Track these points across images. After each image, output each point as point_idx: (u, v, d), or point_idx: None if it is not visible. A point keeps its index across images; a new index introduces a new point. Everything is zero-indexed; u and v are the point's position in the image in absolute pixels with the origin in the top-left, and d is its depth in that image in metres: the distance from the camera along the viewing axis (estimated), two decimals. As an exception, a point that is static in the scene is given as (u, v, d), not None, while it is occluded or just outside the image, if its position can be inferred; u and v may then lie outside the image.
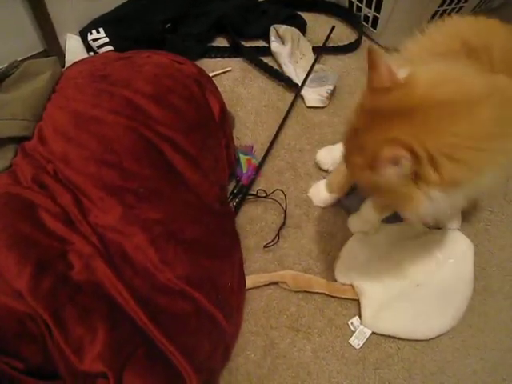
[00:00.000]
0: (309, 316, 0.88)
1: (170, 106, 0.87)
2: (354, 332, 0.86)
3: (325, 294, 0.89)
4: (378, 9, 1.31)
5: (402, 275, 0.87)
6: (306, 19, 1.38)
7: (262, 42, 1.35)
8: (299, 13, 1.40)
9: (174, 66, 0.96)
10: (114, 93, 0.86)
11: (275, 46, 1.28)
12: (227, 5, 1.35)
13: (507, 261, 0.97)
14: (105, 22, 1.21)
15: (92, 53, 1.20)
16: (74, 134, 0.82)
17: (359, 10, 1.39)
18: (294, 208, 1.01)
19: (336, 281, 0.91)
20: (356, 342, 0.85)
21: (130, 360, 0.66)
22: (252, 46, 1.32)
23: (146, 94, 0.87)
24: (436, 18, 1.26)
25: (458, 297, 0.88)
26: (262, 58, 1.27)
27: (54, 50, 1.17)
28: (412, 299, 0.86)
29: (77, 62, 1.02)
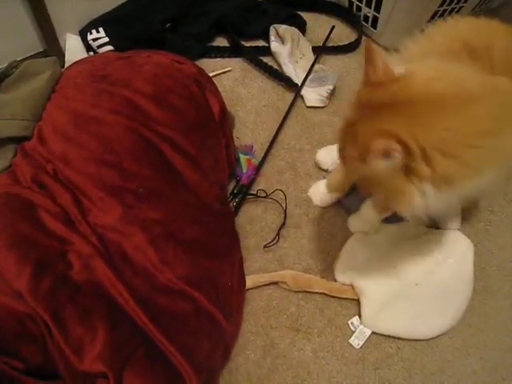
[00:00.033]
0: (309, 316, 0.88)
1: (169, 106, 0.87)
2: (353, 332, 0.86)
3: (325, 293, 0.89)
4: (377, 9, 1.31)
5: (402, 275, 0.87)
6: (305, 19, 1.38)
7: (261, 42, 1.35)
8: (299, 12, 1.40)
9: (173, 66, 0.96)
10: (114, 93, 0.86)
11: (275, 45, 1.28)
12: (227, 5, 1.35)
13: (507, 261, 0.97)
14: (104, 21, 1.21)
15: (92, 52, 1.20)
16: (74, 133, 0.82)
17: (359, 9, 1.39)
18: (293, 208, 1.01)
19: (336, 281, 0.91)
20: (356, 341, 0.85)
21: (130, 360, 0.66)
22: (252, 46, 1.32)
23: (145, 93, 0.87)
24: (436, 17, 1.26)
25: (458, 297, 0.88)
26: (261, 57, 1.27)
27: (53, 49, 1.17)
28: (412, 299, 0.86)
29: (76, 62, 1.02)
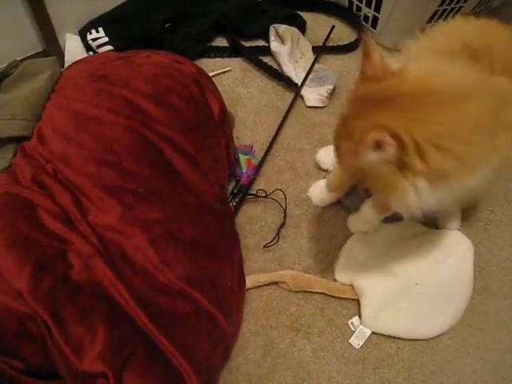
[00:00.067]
0: (309, 316, 0.88)
1: (169, 106, 0.87)
2: (353, 332, 0.86)
3: (325, 293, 0.89)
4: (377, 8, 1.31)
5: (402, 275, 0.87)
6: (305, 19, 1.38)
7: (261, 42, 1.34)
8: (299, 12, 1.39)
9: (173, 66, 0.96)
10: (114, 92, 0.86)
11: (275, 45, 1.28)
12: (227, 5, 1.35)
13: (507, 260, 0.97)
14: (104, 21, 1.21)
15: (91, 52, 1.20)
16: (74, 133, 0.82)
17: (359, 9, 1.39)
18: (293, 208, 1.01)
19: (336, 281, 0.91)
20: (356, 341, 0.85)
21: (129, 360, 0.66)
22: (252, 46, 1.32)
23: (145, 93, 0.87)
24: (435, 17, 1.26)
25: (458, 296, 0.88)
26: (261, 57, 1.27)
27: (53, 49, 1.17)
28: (412, 299, 0.86)
29: (76, 62, 1.02)
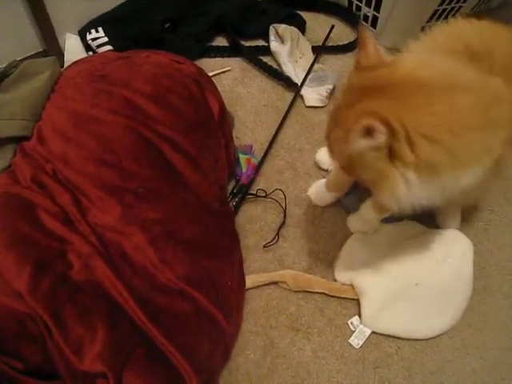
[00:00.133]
0: (308, 316, 0.88)
1: (169, 106, 0.87)
2: (353, 331, 0.86)
3: (324, 293, 0.89)
4: (377, 8, 1.31)
5: (402, 275, 0.87)
6: (305, 18, 1.38)
7: (261, 42, 1.34)
8: (299, 12, 1.39)
9: (173, 66, 0.96)
10: (113, 92, 0.86)
11: (274, 45, 1.28)
12: (227, 4, 1.35)
13: (507, 260, 0.97)
14: (104, 21, 1.21)
15: (91, 52, 1.20)
16: (73, 133, 0.82)
17: (359, 9, 1.39)
18: (293, 207, 1.01)
19: (336, 280, 0.91)
20: (356, 341, 0.85)
21: (129, 360, 0.66)
22: (251, 46, 1.32)
23: (145, 93, 0.87)
24: (435, 17, 1.26)
25: (458, 296, 0.88)
26: (261, 57, 1.27)
27: (53, 49, 1.17)
28: (412, 299, 0.86)
29: (76, 62, 1.02)
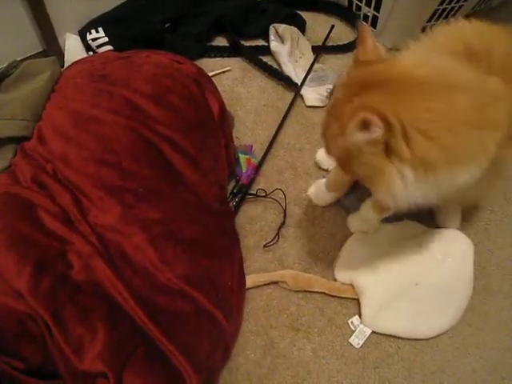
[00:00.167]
0: (309, 315, 0.88)
1: (169, 106, 0.87)
2: (353, 331, 0.86)
3: (325, 293, 0.89)
4: (377, 8, 1.31)
5: (402, 275, 0.87)
6: (305, 18, 1.38)
7: (261, 41, 1.34)
8: (299, 12, 1.39)
9: (173, 66, 0.96)
10: (113, 92, 0.86)
11: (274, 45, 1.28)
12: (227, 4, 1.35)
13: (507, 260, 0.97)
14: (104, 21, 1.21)
15: (91, 52, 1.20)
16: (74, 133, 0.82)
17: (359, 9, 1.39)
18: (293, 207, 1.01)
19: (336, 280, 0.91)
20: (356, 341, 0.85)
21: (129, 360, 0.66)
22: (251, 46, 1.32)
23: (145, 93, 0.87)
24: (435, 17, 1.26)
25: (458, 296, 0.88)
26: (261, 57, 1.27)
27: (53, 49, 1.17)
28: (412, 298, 0.86)
29: (76, 62, 1.02)
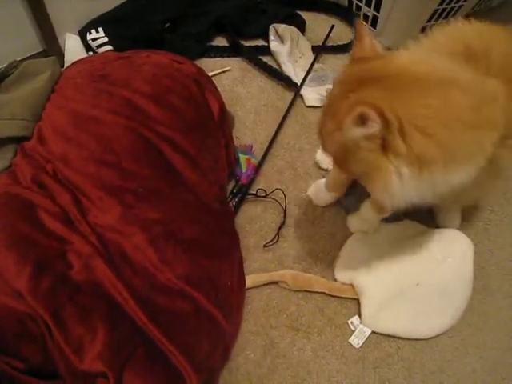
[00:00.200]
0: (308, 315, 0.88)
1: (169, 106, 0.87)
2: (353, 331, 0.86)
3: (324, 293, 0.89)
4: (377, 8, 1.31)
5: (402, 274, 0.87)
6: (305, 18, 1.38)
7: (261, 41, 1.34)
8: (298, 12, 1.40)
9: (173, 66, 0.96)
10: (113, 93, 0.86)
11: (274, 45, 1.28)
12: (227, 4, 1.35)
13: (507, 260, 0.97)
14: (104, 21, 1.21)
15: (91, 52, 1.20)
16: (73, 133, 0.82)
17: (359, 9, 1.39)
18: (293, 207, 1.01)
19: (336, 280, 0.91)
20: (356, 341, 0.85)
21: (129, 360, 0.66)
22: (251, 46, 1.32)
23: (145, 93, 0.87)
24: (435, 17, 1.26)
25: (458, 296, 0.88)
26: (261, 57, 1.27)
27: (53, 49, 1.17)
28: (412, 298, 0.86)
29: (76, 62, 1.02)
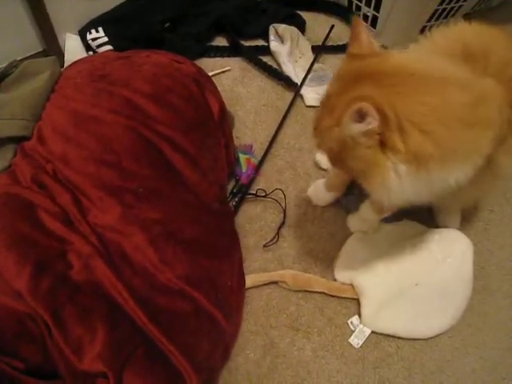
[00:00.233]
0: (308, 315, 0.88)
1: (169, 106, 0.87)
2: (353, 331, 0.86)
3: (324, 293, 0.89)
4: (377, 8, 1.31)
5: (402, 274, 0.87)
6: (305, 18, 1.38)
7: (261, 41, 1.34)
8: (298, 12, 1.40)
9: (173, 66, 0.96)
10: (113, 92, 0.86)
11: (274, 45, 1.28)
12: (227, 4, 1.35)
13: (506, 260, 0.97)
14: (104, 21, 1.21)
15: (91, 52, 1.20)
16: (73, 133, 0.82)
17: (358, 8, 1.39)
18: (293, 207, 1.01)
19: (336, 280, 0.91)
20: (356, 341, 0.85)
21: (129, 360, 0.66)
22: (251, 46, 1.32)
23: (145, 93, 0.87)
24: (435, 17, 1.26)
25: (458, 296, 0.88)
26: (261, 57, 1.27)
27: (53, 49, 1.17)
28: (412, 298, 0.86)
29: (76, 62, 1.02)
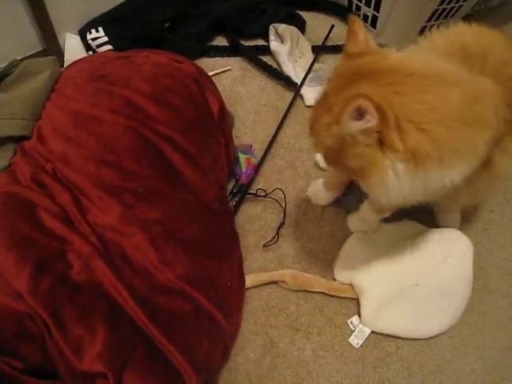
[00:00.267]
0: (308, 315, 0.88)
1: (168, 105, 0.87)
2: (353, 331, 0.86)
3: (324, 293, 0.89)
4: (377, 8, 1.30)
5: (402, 274, 0.87)
6: (305, 18, 1.38)
7: (261, 41, 1.34)
8: (298, 12, 1.39)
9: (172, 66, 0.96)
10: (113, 92, 0.86)
11: (274, 44, 1.28)
12: (227, 4, 1.35)
13: (506, 260, 0.97)
14: (104, 21, 1.21)
15: (91, 52, 1.20)
16: (73, 133, 0.82)
17: (358, 8, 1.39)
18: (293, 207, 1.01)
19: (335, 280, 0.91)
20: (355, 341, 0.85)
21: (129, 360, 0.66)
22: (251, 45, 1.32)
23: (144, 93, 0.87)
24: (435, 17, 1.26)
25: (458, 296, 0.88)
26: (261, 57, 1.27)
27: (53, 49, 1.17)
28: (411, 298, 0.86)
29: (76, 62, 1.02)
